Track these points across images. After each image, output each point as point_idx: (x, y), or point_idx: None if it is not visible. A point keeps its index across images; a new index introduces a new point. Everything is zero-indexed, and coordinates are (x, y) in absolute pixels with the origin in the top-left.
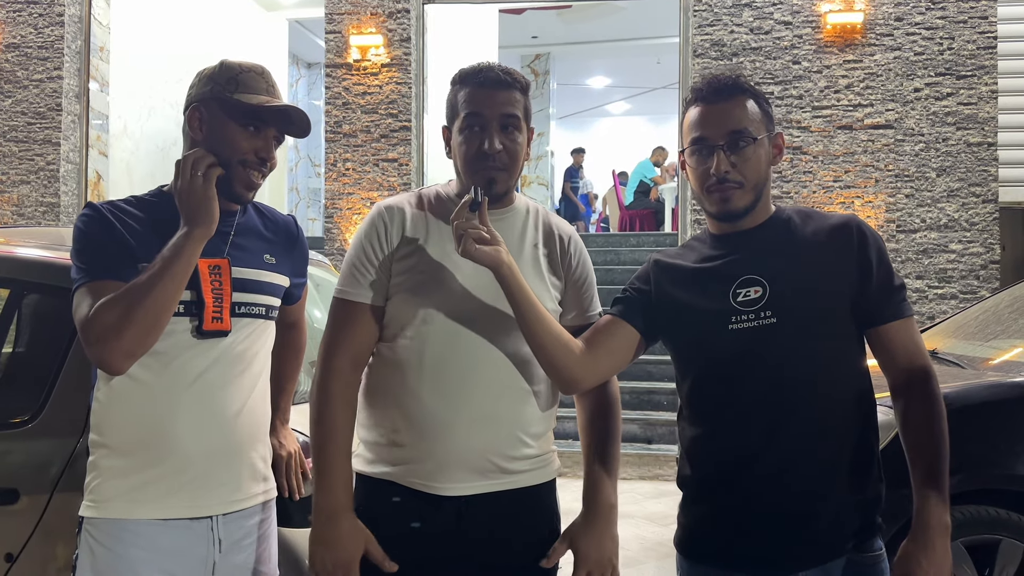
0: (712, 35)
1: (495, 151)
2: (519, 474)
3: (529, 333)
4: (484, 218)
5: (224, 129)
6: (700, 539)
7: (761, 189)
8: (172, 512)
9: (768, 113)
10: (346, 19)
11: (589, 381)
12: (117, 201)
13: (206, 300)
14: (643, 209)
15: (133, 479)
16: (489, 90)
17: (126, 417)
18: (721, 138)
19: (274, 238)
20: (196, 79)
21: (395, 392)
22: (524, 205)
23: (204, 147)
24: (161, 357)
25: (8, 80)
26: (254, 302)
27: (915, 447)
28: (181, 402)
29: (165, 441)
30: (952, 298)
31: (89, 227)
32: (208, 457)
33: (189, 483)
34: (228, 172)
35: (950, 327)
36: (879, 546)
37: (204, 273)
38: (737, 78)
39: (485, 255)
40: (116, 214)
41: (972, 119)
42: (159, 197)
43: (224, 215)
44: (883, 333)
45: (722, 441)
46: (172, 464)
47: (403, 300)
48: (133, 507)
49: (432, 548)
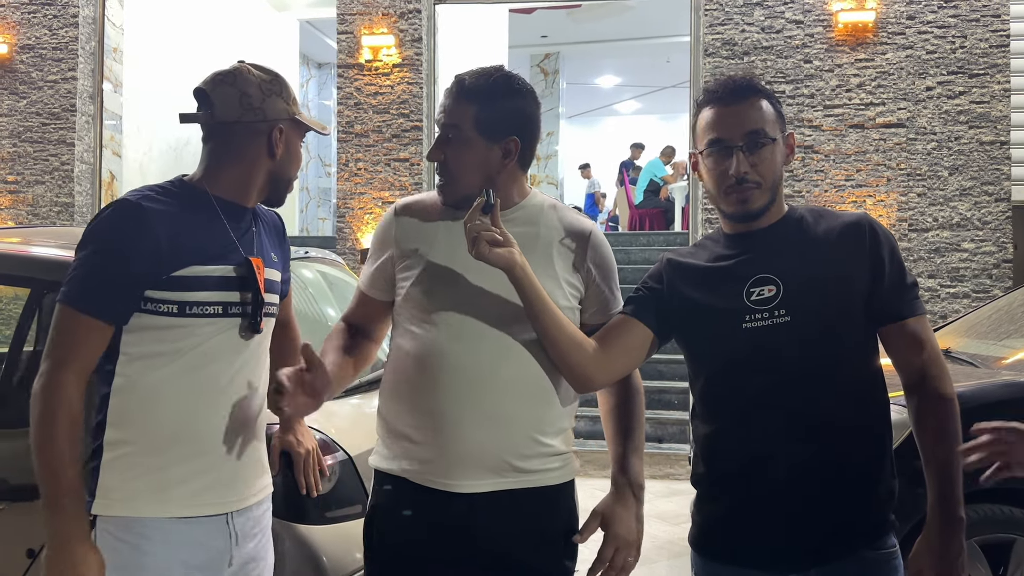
0: (723, 34)
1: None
2: (535, 473)
3: (543, 332)
4: (496, 219)
5: (295, 148)
6: (715, 536)
7: (776, 189)
8: (200, 510)
9: (780, 113)
10: (358, 20)
11: (602, 380)
12: (150, 195)
13: (262, 299)
14: (653, 208)
15: (161, 478)
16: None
17: (158, 415)
18: (739, 139)
19: (270, 235)
20: (255, 85)
21: (409, 389)
22: (540, 201)
23: (278, 164)
24: (203, 356)
25: (23, 81)
26: (272, 302)
27: (929, 445)
28: (217, 402)
29: (198, 440)
30: (964, 297)
31: (108, 240)
32: (234, 456)
33: (216, 481)
34: (289, 184)
35: (963, 326)
36: (893, 543)
37: (260, 273)
38: (751, 79)
39: (498, 257)
40: (153, 216)
41: (984, 117)
42: (180, 187)
43: (244, 212)
44: (896, 331)
45: (736, 439)
46: (202, 463)
47: (416, 297)
48: (160, 506)
49: (446, 545)
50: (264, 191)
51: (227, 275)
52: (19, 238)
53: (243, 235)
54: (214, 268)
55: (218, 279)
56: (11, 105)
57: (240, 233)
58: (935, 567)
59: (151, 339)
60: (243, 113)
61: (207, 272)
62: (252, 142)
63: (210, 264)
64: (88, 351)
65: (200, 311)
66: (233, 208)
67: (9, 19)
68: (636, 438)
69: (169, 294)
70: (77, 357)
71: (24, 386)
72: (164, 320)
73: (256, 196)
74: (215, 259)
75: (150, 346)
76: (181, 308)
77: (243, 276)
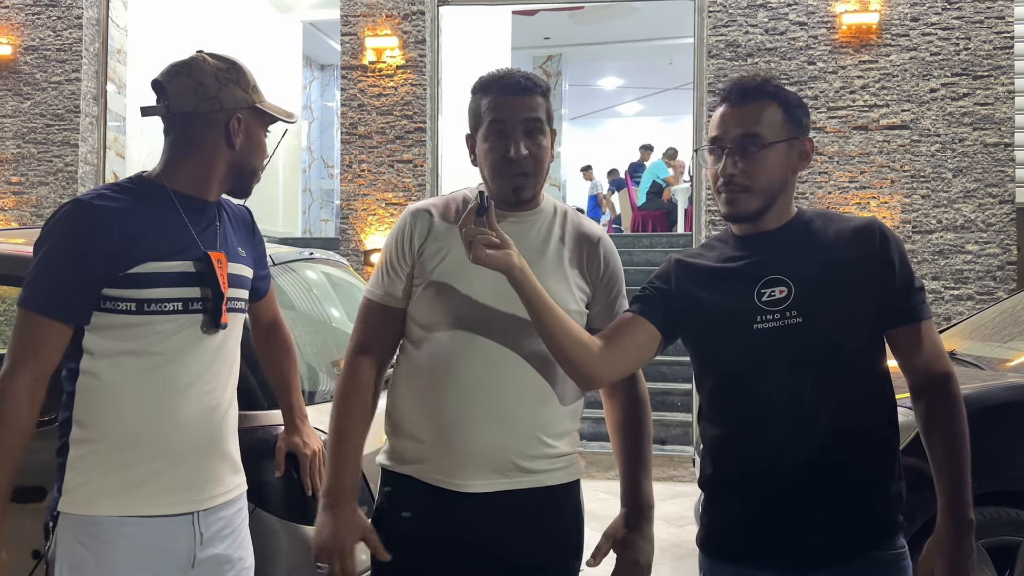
0: (727, 36)
1: (521, 156)
2: (541, 473)
3: (545, 333)
4: (492, 222)
5: (256, 137)
6: (723, 538)
7: (774, 194)
8: (163, 509)
9: (795, 118)
10: (361, 21)
11: (607, 378)
12: (105, 194)
13: (224, 293)
14: (656, 210)
15: (126, 476)
16: (511, 96)
17: (122, 413)
18: (731, 141)
19: (238, 230)
20: (211, 74)
21: (418, 392)
22: (551, 206)
23: (238, 155)
24: (165, 354)
25: (27, 82)
26: (238, 296)
27: (937, 448)
28: (181, 399)
29: (163, 438)
30: (968, 299)
31: (63, 240)
32: (200, 453)
33: (181, 480)
34: (255, 174)
35: (967, 328)
36: (901, 544)
37: (219, 267)
38: (765, 81)
39: (495, 259)
40: (107, 214)
41: (989, 119)
42: (138, 184)
43: (207, 206)
44: (904, 334)
45: (745, 441)
46: (167, 461)
47: (426, 302)
48: (123, 504)
49: (453, 544)
50: (226, 182)
51: (186, 271)
52: (24, 239)
53: (204, 229)
54: (172, 264)
55: (176, 275)
56: (15, 106)
57: (201, 228)
58: (946, 570)
59: (112, 337)
60: (199, 103)
61: (164, 268)
62: (209, 132)
63: (167, 260)
64: (47, 353)
65: (159, 308)
66: (193, 202)
67: (13, 20)
68: (645, 456)
69: (126, 292)
70: (35, 359)
71: None
72: (123, 319)
73: (218, 188)
74: (173, 255)
75: (112, 344)
76: (139, 305)
77: (202, 272)
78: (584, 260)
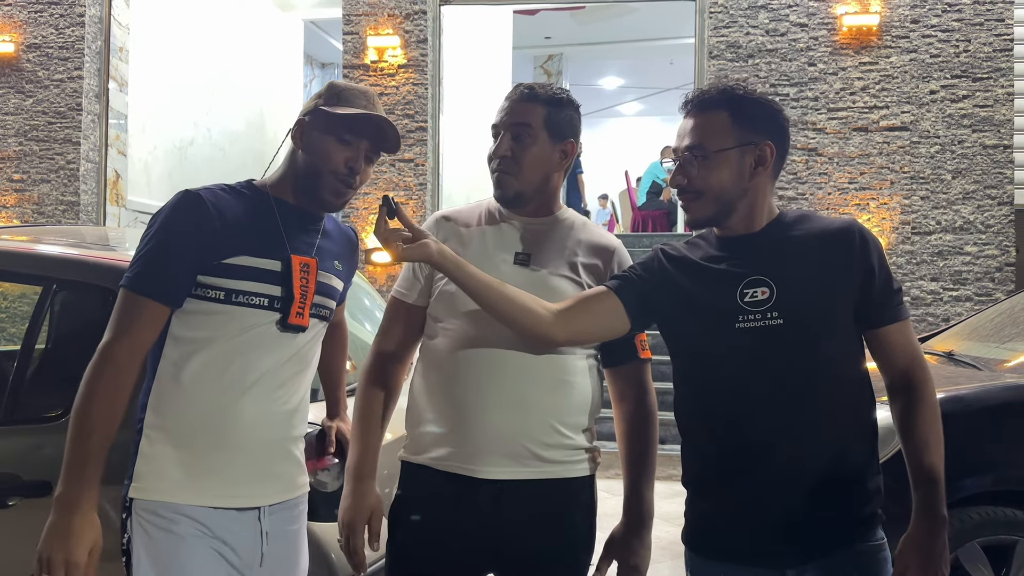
0: (728, 36)
1: (498, 154)
2: (555, 464)
3: (487, 305)
4: (405, 220)
5: (320, 140)
6: (707, 535)
7: (730, 200)
8: (228, 501)
9: (751, 126)
10: (363, 20)
11: (562, 335)
12: (213, 189)
13: (295, 295)
14: (655, 210)
15: (192, 465)
16: (509, 102)
17: (192, 403)
18: (680, 151)
19: (340, 246)
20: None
21: (435, 382)
22: (568, 216)
23: (304, 159)
24: (241, 346)
25: (29, 80)
26: (325, 304)
27: (913, 447)
28: (248, 394)
29: (228, 431)
30: (967, 300)
31: (167, 225)
32: (267, 449)
33: (246, 474)
34: (319, 180)
35: (965, 329)
36: (880, 535)
37: (296, 269)
38: (720, 91)
39: (412, 252)
40: (210, 205)
41: (988, 121)
42: (245, 187)
43: (312, 218)
44: (882, 335)
45: (725, 438)
46: (231, 454)
47: (444, 299)
48: (190, 493)
49: (470, 531)
50: (298, 187)
51: (273, 269)
52: (28, 236)
53: (300, 236)
54: (261, 261)
55: (264, 271)
56: (17, 104)
57: (296, 233)
58: (921, 564)
59: (197, 325)
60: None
61: (254, 263)
62: (289, 142)
63: (258, 256)
64: (143, 330)
65: (245, 300)
66: (293, 210)
67: (16, 18)
68: (650, 467)
69: (218, 280)
70: (132, 334)
71: (37, 384)
72: (211, 306)
73: (297, 194)
74: (264, 252)
75: (195, 332)
76: (227, 295)
77: (285, 272)
78: (601, 268)
